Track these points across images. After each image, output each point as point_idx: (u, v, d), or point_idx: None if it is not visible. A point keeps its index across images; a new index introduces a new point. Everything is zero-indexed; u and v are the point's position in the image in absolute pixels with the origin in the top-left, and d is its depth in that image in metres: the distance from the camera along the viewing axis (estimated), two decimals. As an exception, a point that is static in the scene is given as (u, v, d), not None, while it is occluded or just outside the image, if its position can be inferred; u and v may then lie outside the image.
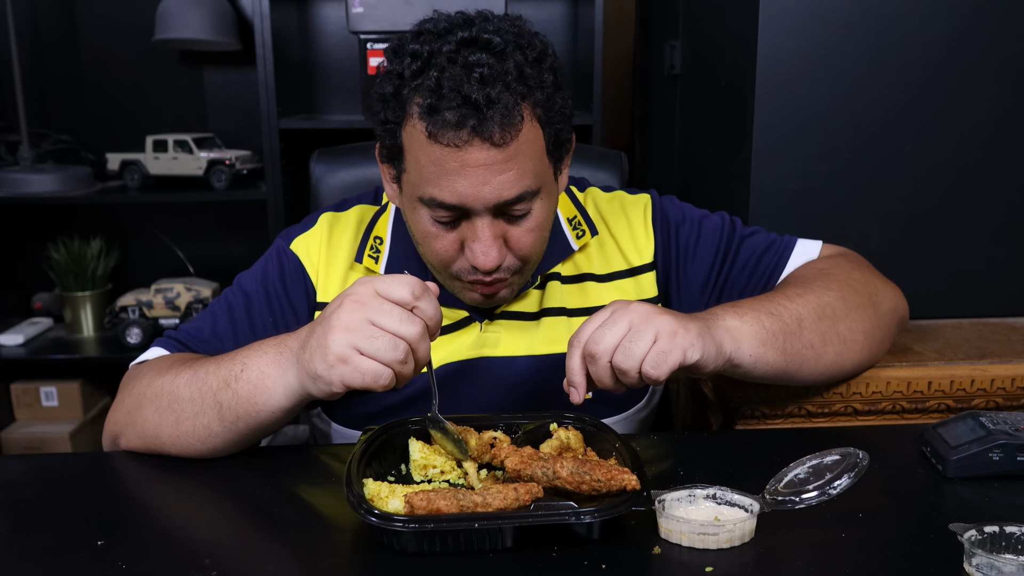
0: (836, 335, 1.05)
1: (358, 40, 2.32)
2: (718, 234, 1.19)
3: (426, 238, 1.03)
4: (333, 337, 0.85)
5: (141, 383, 1.04)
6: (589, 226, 1.18)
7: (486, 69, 0.92)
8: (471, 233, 1.00)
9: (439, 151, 0.94)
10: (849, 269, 1.13)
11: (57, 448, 2.54)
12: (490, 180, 0.95)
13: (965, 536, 0.74)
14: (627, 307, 0.92)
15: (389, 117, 0.99)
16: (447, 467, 0.92)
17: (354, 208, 1.20)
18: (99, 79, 2.73)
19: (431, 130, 0.94)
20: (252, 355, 0.96)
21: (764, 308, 1.01)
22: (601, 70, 2.32)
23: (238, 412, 0.95)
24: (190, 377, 0.99)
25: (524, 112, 0.95)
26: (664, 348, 0.89)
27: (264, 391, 0.93)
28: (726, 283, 1.18)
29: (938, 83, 1.40)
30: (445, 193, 0.96)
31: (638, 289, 1.18)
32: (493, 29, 0.96)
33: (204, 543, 0.83)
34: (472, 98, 0.91)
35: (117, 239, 2.73)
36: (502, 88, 0.93)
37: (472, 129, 0.92)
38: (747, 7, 1.41)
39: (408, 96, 0.96)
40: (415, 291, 0.86)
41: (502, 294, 1.07)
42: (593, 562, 0.76)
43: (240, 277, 1.18)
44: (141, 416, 1.01)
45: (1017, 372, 1.20)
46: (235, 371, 0.95)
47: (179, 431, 0.98)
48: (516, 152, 0.95)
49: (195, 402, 0.97)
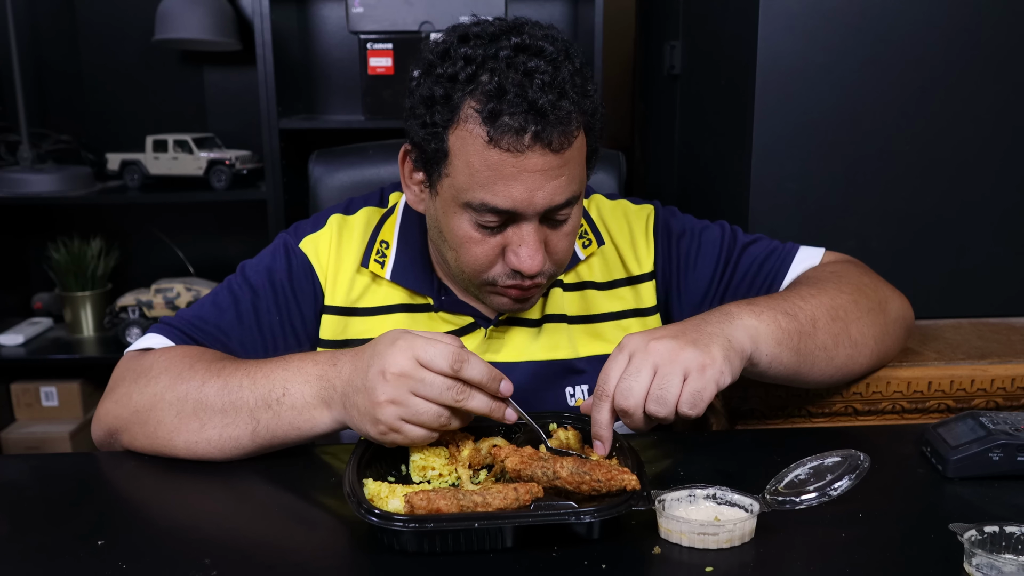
0: (848, 337, 1.05)
1: (358, 40, 2.32)
2: (718, 244, 1.19)
3: (466, 243, 1.01)
4: (381, 411, 0.87)
5: (157, 384, 1.00)
6: (596, 236, 1.19)
7: (547, 76, 0.93)
8: (517, 238, 0.99)
9: (497, 155, 0.94)
10: (859, 274, 1.14)
11: (57, 448, 2.54)
12: (544, 186, 0.96)
13: (965, 536, 0.74)
14: (646, 348, 0.89)
15: (436, 120, 0.97)
16: (446, 470, 0.92)
17: (361, 211, 1.19)
18: (99, 79, 2.73)
19: (492, 135, 0.93)
20: (293, 380, 0.95)
21: (780, 307, 1.01)
22: (601, 70, 2.32)
23: (276, 432, 0.95)
24: (220, 387, 0.97)
25: (577, 120, 0.96)
26: (697, 387, 0.87)
27: (310, 420, 0.95)
28: (727, 292, 1.18)
29: (937, 83, 1.40)
30: (499, 198, 0.96)
31: (637, 298, 1.18)
32: (542, 36, 0.96)
33: (204, 543, 0.83)
34: (538, 104, 0.92)
35: (117, 239, 2.73)
36: (561, 96, 0.94)
37: (534, 135, 0.93)
38: (747, 7, 1.41)
39: (460, 100, 0.95)
40: (454, 363, 0.86)
41: (532, 301, 1.08)
42: (593, 562, 0.76)
43: (245, 266, 1.16)
44: (155, 417, 0.99)
45: (1017, 372, 1.20)
46: (276, 394, 0.95)
47: (201, 437, 0.97)
48: (569, 159, 0.97)
49: (227, 414, 0.96)
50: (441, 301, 1.13)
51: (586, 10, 2.44)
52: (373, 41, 2.29)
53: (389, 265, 1.14)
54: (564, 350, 1.15)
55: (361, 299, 1.15)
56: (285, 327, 1.13)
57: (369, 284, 1.15)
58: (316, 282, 1.15)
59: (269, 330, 1.12)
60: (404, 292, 1.15)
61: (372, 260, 1.14)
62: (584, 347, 1.16)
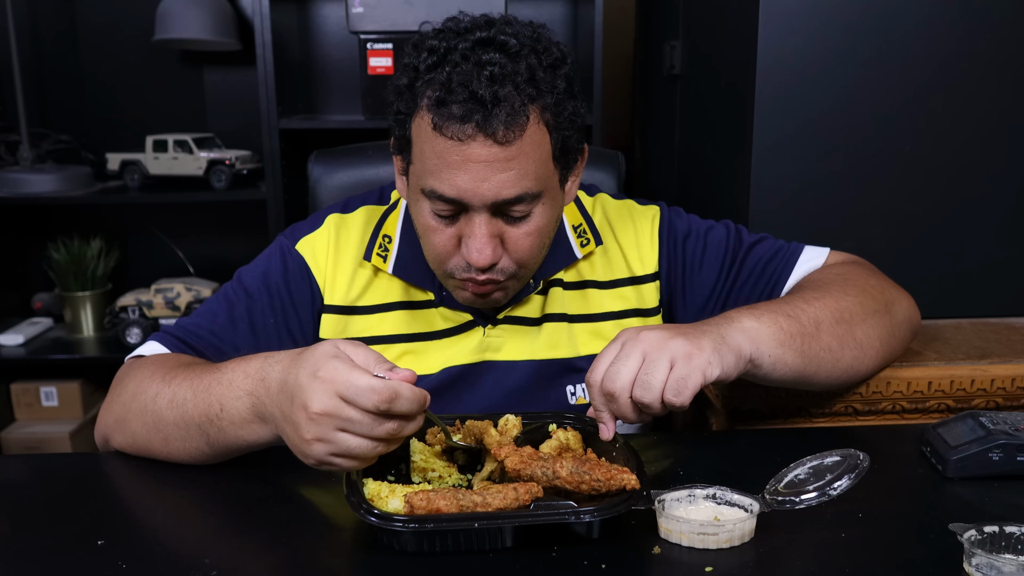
0: (853, 339, 1.05)
1: (358, 40, 2.32)
2: (723, 245, 1.19)
3: (427, 232, 1.03)
4: (309, 448, 0.80)
5: (127, 390, 1.02)
6: (594, 235, 1.18)
7: (497, 68, 0.94)
8: (468, 229, 1.00)
9: (443, 143, 0.95)
10: (865, 275, 1.13)
11: (57, 448, 2.54)
12: (490, 177, 0.95)
13: (965, 536, 0.74)
14: (637, 336, 0.90)
15: (401, 108, 1.01)
16: (446, 472, 0.92)
17: (360, 209, 1.19)
18: (99, 79, 2.73)
19: (436, 121, 0.95)
20: (226, 396, 0.91)
21: (781, 310, 1.01)
22: (601, 70, 2.32)
23: (228, 444, 0.94)
24: (169, 400, 0.96)
25: (531, 114, 0.96)
26: (682, 374, 0.88)
27: (253, 433, 0.91)
28: (731, 292, 1.18)
29: (938, 83, 1.40)
30: (445, 186, 0.97)
31: (639, 298, 1.18)
32: (512, 32, 0.97)
33: (204, 543, 0.83)
34: (479, 94, 0.93)
35: (117, 239, 2.73)
36: (511, 88, 0.94)
37: (476, 124, 0.93)
38: (747, 7, 1.41)
39: (420, 89, 0.98)
40: (380, 404, 0.77)
41: (495, 296, 1.07)
42: (593, 562, 0.76)
43: (241, 272, 1.17)
44: (129, 428, 1.00)
45: (1017, 372, 1.20)
46: (214, 410, 0.92)
47: (169, 449, 0.98)
48: (519, 152, 0.96)
49: (180, 428, 0.95)
50: (443, 297, 1.13)
51: (586, 10, 2.44)
52: (373, 41, 2.29)
53: (391, 259, 1.14)
54: (565, 349, 1.15)
55: (362, 297, 1.15)
56: (280, 330, 1.13)
57: (370, 279, 1.15)
58: (313, 283, 1.15)
59: (264, 333, 1.12)
60: (404, 289, 1.15)
61: (375, 254, 1.14)
62: (585, 346, 1.16)
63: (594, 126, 2.31)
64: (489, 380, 1.13)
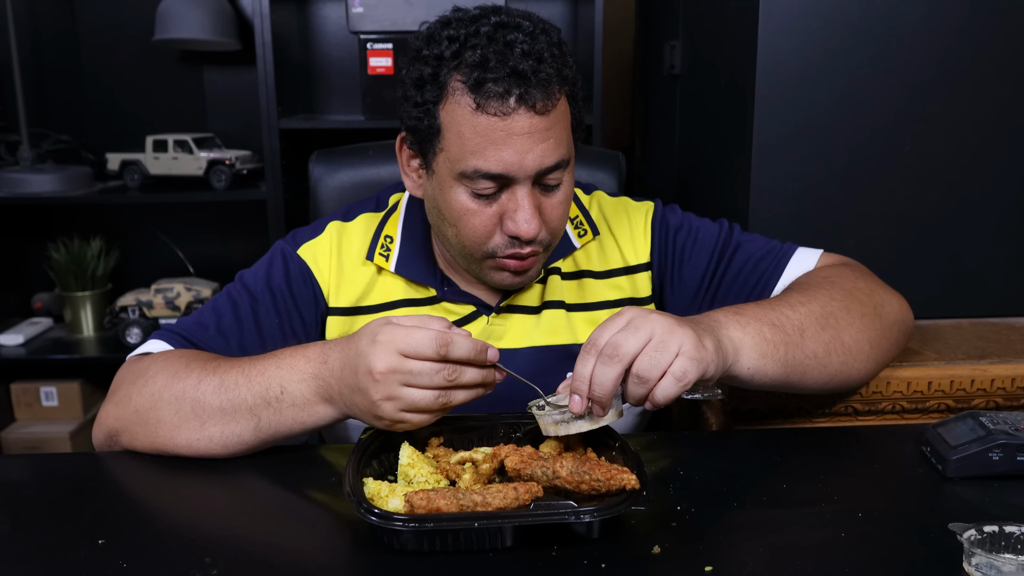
0: (840, 345, 1.05)
1: (358, 40, 2.32)
2: (714, 239, 1.21)
3: (464, 216, 1.04)
4: (379, 409, 0.88)
5: (155, 383, 1.01)
6: (591, 226, 1.21)
7: (526, 45, 0.98)
8: (512, 204, 1.02)
9: (485, 121, 0.98)
10: (853, 278, 1.13)
11: (57, 448, 2.54)
12: (533, 148, 0.99)
13: (964, 536, 0.74)
14: (647, 316, 0.89)
15: (427, 98, 1.02)
16: (432, 479, 0.90)
17: (360, 217, 1.21)
18: (99, 79, 2.73)
19: (479, 101, 0.98)
20: (288, 379, 0.96)
21: (766, 318, 1.00)
22: (601, 70, 2.32)
23: (279, 428, 0.97)
24: (217, 386, 0.98)
25: (559, 86, 1.01)
26: (687, 365, 0.86)
27: (314, 415, 0.96)
28: (720, 287, 1.19)
29: (938, 83, 1.40)
30: (491, 163, 0.99)
31: (633, 287, 1.20)
32: (520, 16, 1.02)
33: (204, 542, 0.83)
34: (519, 68, 0.97)
35: (117, 239, 2.73)
36: (540, 61, 0.98)
37: (519, 98, 0.97)
38: (747, 7, 1.41)
39: (447, 76, 1.00)
40: (439, 348, 0.86)
41: (531, 273, 1.10)
42: (593, 561, 0.76)
43: (242, 275, 1.18)
44: (155, 416, 1.00)
45: (1017, 372, 1.20)
46: (273, 392, 0.96)
47: (202, 435, 0.98)
48: (554, 121, 1.01)
49: (226, 412, 0.97)
50: (444, 292, 1.15)
51: (586, 10, 2.44)
52: (373, 41, 2.30)
53: (393, 258, 1.16)
54: (563, 335, 1.17)
55: (366, 297, 1.16)
56: (285, 331, 1.14)
57: (373, 279, 1.17)
58: (316, 287, 1.16)
59: (269, 333, 1.13)
60: (407, 287, 1.16)
61: (377, 254, 1.16)
62: (583, 333, 1.17)
63: (594, 126, 2.31)
64: None
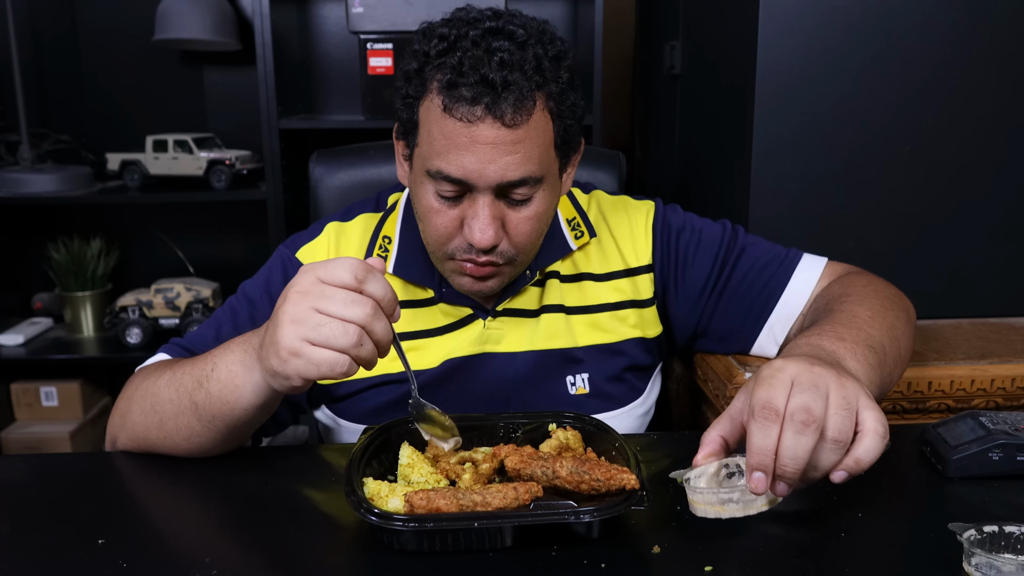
0: (899, 356, 1.04)
1: (358, 40, 2.31)
2: (718, 241, 1.20)
3: (428, 213, 1.04)
4: (281, 332, 0.82)
5: (131, 387, 1.06)
6: (588, 228, 1.20)
7: (506, 55, 0.97)
8: (471, 210, 1.02)
9: (452, 124, 0.98)
10: (884, 287, 1.13)
11: (57, 448, 2.54)
12: (496, 159, 0.98)
13: (964, 536, 0.74)
14: (806, 368, 0.79)
15: (410, 92, 1.03)
16: (432, 479, 0.90)
17: (359, 217, 1.22)
18: (99, 79, 2.73)
19: (447, 103, 0.97)
20: (222, 354, 0.96)
21: (863, 340, 0.96)
22: (601, 70, 2.32)
23: (213, 411, 0.94)
24: (169, 378, 0.99)
25: (537, 100, 0.99)
26: (877, 417, 0.80)
27: (234, 390, 0.93)
28: (724, 290, 1.19)
29: (938, 83, 1.40)
30: (452, 166, 0.99)
31: (634, 289, 1.19)
32: (519, 23, 1.01)
33: (204, 543, 0.83)
34: (489, 78, 0.96)
35: (117, 239, 2.73)
36: (519, 75, 0.97)
37: (486, 107, 0.96)
38: (747, 7, 1.41)
39: (430, 74, 1.00)
40: (358, 273, 0.82)
41: (491, 283, 1.08)
42: (593, 561, 0.76)
43: (244, 285, 1.19)
44: (131, 419, 1.02)
45: (1017, 372, 1.20)
46: (207, 371, 0.95)
47: (163, 432, 0.98)
48: (525, 136, 0.98)
49: (174, 403, 0.97)
50: (442, 293, 1.15)
51: (586, 10, 2.44)
52: (373, 41, 2.29)
53: (392, 259, 1.16)
54: (563, 339, 1.16)
55: None
56: None
57: None
58: None
59: None
60: (404, 288, 1.16)
61: (375, 254, 1.16)
62: (583, 336, 1.17)
63: (594, 126, 2.31)
64: (489, 371, 1.14)
